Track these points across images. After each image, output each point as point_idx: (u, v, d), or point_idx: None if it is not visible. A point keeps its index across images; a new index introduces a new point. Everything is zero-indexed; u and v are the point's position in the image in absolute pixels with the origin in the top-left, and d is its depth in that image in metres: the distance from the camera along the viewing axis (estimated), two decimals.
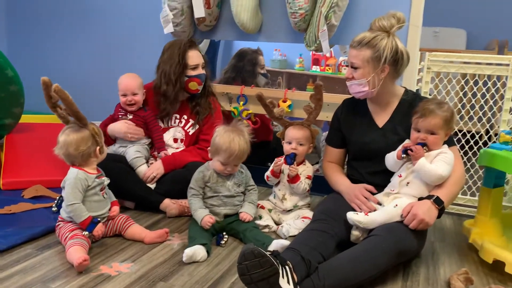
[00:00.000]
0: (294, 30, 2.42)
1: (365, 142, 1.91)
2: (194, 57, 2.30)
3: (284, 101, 2.49)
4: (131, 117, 2.31)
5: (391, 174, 1.84)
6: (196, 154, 2.31)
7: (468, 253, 1.89)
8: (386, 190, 1.81)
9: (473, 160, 2.33)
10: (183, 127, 2.38)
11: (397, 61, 1.79)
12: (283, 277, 1.32)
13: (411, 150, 1.70)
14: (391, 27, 1.78)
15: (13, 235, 1.79)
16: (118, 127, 2.29)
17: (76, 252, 1.60)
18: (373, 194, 1.83)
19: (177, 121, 2.39)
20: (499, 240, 1.86)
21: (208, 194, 1.96)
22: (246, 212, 1.93)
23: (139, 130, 2.31)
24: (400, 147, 1.77)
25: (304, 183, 2.05)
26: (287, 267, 1.35)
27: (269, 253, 1.33)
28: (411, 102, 1.86)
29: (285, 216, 2.08)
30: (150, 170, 2.22)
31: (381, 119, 1.92)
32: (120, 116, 2.32)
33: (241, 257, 1.29)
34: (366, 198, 1.80)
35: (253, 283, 1.28)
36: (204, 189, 1.96)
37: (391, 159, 1.81)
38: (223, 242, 1.85)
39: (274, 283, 1.28)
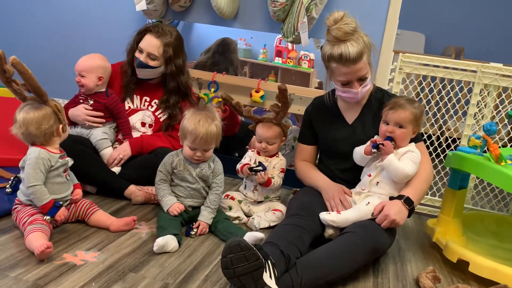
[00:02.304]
0: (272, 19, 2.38)
1: (335, 139, 1.91)
2: (147, 41, 2.18)
3: (257, 91, 2.45)
4: (92, 102, 2.18)
5: (362, 171, 1.86)
6: (166, 140, 2.21)
7: (431, 252, 1.95)
8: (357, 189, 1.83)
9: (436, 161, 2.42)
10: (153, 112, 2.28)
11: None
12: (266, 271, 1.29)
13: (383, 145, 1.72)
14: (357, 25, 1.74)
15: None
16: (76, 113, 2.17)
17: (37, 239, 1.49)
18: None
19: (147, 104, 2.28)
20: (459, 239, 1.94)
21: (174, 181, 1.89)
22: (203, 221, 1.82)
23: (99, 114, 2.18)
24: (368, 143, 1.78)
25: (278, 179, 2.03)
26: (269, 262, 1.33)
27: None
28: (380, 99, 1.89)
29: (256, 208, 2.05)
30: (116, 152, 2.11)
31: (350, 116, 1.93)
32: (81, 100, 2.19)
33: (226, 250, 1.25)
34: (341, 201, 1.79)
35: (236, 277, 1.24)
36: (171, 175, 1.89)
37: (358, 154, 1.82)
38: (193, 233, 1.79)
39: (257, 278, 1.25)
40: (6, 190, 1.91)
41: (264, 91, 2.44)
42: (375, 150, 1.73)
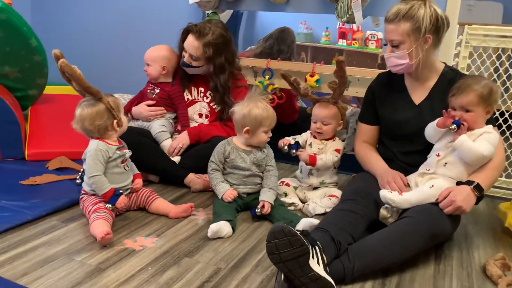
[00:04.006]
0: (325, 0, 2.31)
1: (400, 120, 1.82)
2: (188, 42, 2.21)
3: (312, 76, 2.39)
4: (158, 90, 2.27)
5: (426, 154, 1.75)
6: (221, 129, 2.25)
7: (502, 237, 1.81)
8: (421, 169, 1.73)
9: (511, 140, 2.22)
10: (208, 103, 2.32)
11: (439, 29, 1.69)
12: (313, 257, 1.27)
13: (463, 124, 1.60)
14: None
15: (38, 206, 1.78)
16: (139, 111, 2.29)
17: (99, 226, 1.58)
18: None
19: (202, 94, 2.33)
20: None
21: (227, 170, 1.92)
22: (267, 201, 1.83)
23: (160, 109, 2.29)
24: (445, 117, 1.64)
25: (330, 156, 1.97)
26: (317, 248, 1.30)
27: (299, 232, 1.27)
28: (451, 79, 1.76)
29: (311, 194, 2.02)
30: (176, 142, 2.19)
31: (418, 96, 1.82)
32: (148, 91, 2.29)
33: (270, 235, 1.24)
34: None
35: (282, 262, 1.24)
36: (223, 164, 1.92)
37: (431, 127, 1.70)
38: (258, 210, 1.80)
39: (304, 263, 1.23)
40: (76, 181, 2.05)
41: (320, 75, 2.39)
42: (454, 126, 1.61)
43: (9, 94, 2.42)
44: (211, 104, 2.32)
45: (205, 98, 2.33)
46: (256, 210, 1.80)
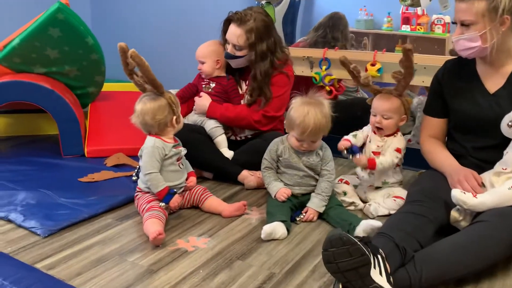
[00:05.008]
0: None
1: (472, 111, 1.64)
2: (230, 32, 2.12)
3: (373, 65, 2.24)
4: (213, 85, 2.23)
5: (504, 149, 1.56)
6: (232, 109, 2.16)
7: None
8: (496, 168, 1.54)
9: None
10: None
11: None
12: (374, 267, 1.15)
13: None
14: None
15: (95, 204, 1.80)
16: (202, 103, 2.21)
17: (152, 225, 1.56)
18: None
19: (245, 88, 2.26)
20: None
21: (281, 169, 1.82)
22: (312, 208, 1.73)
23: None
24: None
25: (389, 159, 1.81)
26: (379, 256, 1.19)
27: (359, 239, 1.16)
28: None
29: (373, 194, 1.88)
30: (200, 103, 2.18)
31: (493, 84, 1.62)
32: (204, 85, 2.25)
33: (326, 243, 1.14)
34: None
35: (340, 272, 1.14)
36: (277, 163, 1.83)
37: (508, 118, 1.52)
38: (298, 218, 1.72)
39: (364, 274, 1.13)
40: (133, 178, 2.06)
41: (382, 64, 2.23)
42: None
43: (69, 93, 2.49)
44: (246, 95, 2.22)
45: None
46: (296, 218, 1.72)
